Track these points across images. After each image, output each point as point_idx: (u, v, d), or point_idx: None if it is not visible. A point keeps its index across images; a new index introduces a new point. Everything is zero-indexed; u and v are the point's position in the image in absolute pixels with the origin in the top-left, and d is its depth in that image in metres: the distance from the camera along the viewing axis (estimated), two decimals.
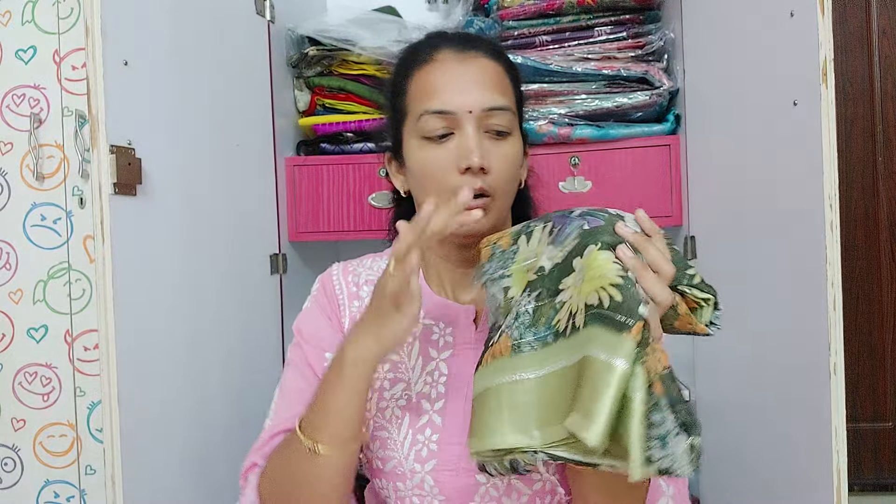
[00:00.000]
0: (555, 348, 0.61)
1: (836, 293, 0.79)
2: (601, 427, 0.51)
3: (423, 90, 0.78)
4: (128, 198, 0.91)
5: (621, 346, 0.53)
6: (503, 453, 0.61)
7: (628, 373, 0.52)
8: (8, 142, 1.35)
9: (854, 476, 1.86)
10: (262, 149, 1.30)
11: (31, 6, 1.34)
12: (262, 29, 1.30)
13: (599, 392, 0.52)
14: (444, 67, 0.78)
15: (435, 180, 0.76)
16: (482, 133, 0.76)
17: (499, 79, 0.79)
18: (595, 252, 0.60)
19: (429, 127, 0.76)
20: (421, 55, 0.80)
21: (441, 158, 0.76)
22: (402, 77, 0.82)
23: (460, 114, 0.75)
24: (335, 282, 0.87)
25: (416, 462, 0.76)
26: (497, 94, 0.77)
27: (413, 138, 0.78)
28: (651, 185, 1.27)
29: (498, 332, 0.67)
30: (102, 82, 0.87)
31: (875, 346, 1.87)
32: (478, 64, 0.78)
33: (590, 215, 0.66)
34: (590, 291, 0.58)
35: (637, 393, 0.52)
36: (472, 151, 0.73)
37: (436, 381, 0.79)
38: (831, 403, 0.80)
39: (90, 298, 1.35)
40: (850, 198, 1.84)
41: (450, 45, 0.79)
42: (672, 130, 1.28)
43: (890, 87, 1.83)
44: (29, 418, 1.36)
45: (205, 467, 1.07)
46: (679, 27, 1.26)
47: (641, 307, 0.55)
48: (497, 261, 0.71)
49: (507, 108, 0.77)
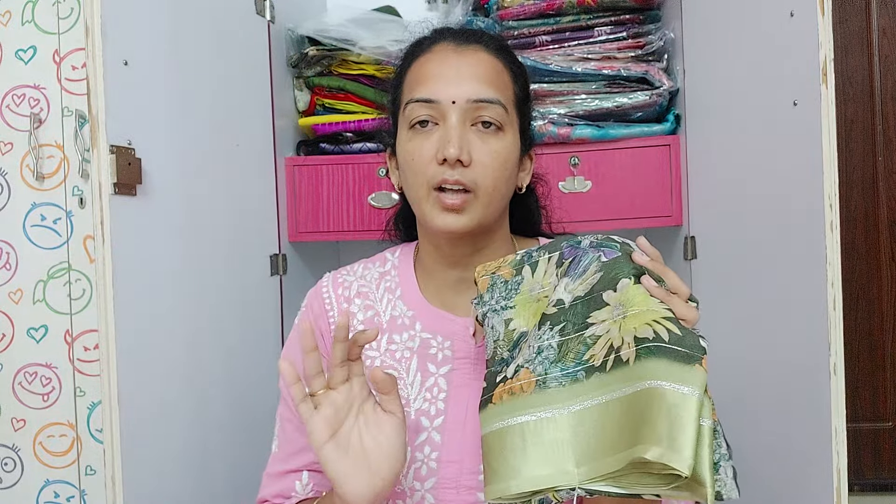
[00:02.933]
0: (587, 385, 0.60)
1: (836, 293, 0.79)
2: (690, 455, 0.52)
3: (415, 79, 0.77)
4: (128, 198, 0.91)
5: (694, 378, 0.54)
6: (530, 494, 0.59)
7: (702, 401, 0.54)
8: (8, 142, 1.35)
9: (854, 476, 1.86)
10: (262, 149, 1.30)
11: (31, 6, 1.34)
12: (262, 29, 1.30)
13: (683, 422, 0.53)
14: (439, 58, 0.77)
15: (416, 171, 0.75)
16: (468, 126, 0.74)
17: (494, 73, 0.76)
18: (632, 286, 0.61)
19: (413, 114, 0.75)
20: (421, 47, 0.79)
21: (424, 148, 0.74)
22: (402, 69, 0.81)
23: (444, 103, 0.73)
24: (325, 297, 0.85)
25: (416, 480, 0.75)
26: (488, 86, 0.74)
27: (403, 129, 0.77)
28: (651, 185, 1.27)
29: (511, 367, 0.65)
30: (102, 82, 0.86)
31: (875, 346, 1.87)
32: (474, 56, 0.76)
33: (603, 246, 0.66)
34: (640, 326, 0.58)
35: (706, 420, 0.54)
36: (449, 142, 0.71)
37: (435, 398, 0.77)
38: (831, 403, 0.80)
39: (90, 298, 1.35)
40: (850, 198, 1.84)
41: (450, 39, 0.78)
42: (672, 130, 1.28)
43: (890, 87, 1.84)
44: (29, 418, 1.36)
45: (205, 467, 1.07)
46: (679, 27, 1.26)
47: (701, 340, 0.57)
48: (498, 291, 0.70)
49: (497, 102, 0.74)
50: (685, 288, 0.63)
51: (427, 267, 0.83)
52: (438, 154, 0.72)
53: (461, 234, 0.75)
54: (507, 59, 0.79)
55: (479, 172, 0.73)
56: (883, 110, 1.84)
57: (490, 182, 0.74)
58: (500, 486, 0.60)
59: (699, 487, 0.53)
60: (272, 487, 0.83)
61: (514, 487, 0.59)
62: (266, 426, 0.90)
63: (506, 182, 0.77)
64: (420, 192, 0.75)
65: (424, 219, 0.76)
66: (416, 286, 0.83)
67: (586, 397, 0.60)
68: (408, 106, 0.75)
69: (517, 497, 0.59)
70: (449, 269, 0.81)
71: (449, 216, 0.73)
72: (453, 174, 0.72)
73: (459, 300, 0.80)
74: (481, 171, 0.73)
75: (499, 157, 0.74)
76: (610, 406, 0.58)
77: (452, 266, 0.80)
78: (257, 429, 1.13)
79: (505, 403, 0.63)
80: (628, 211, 1.27)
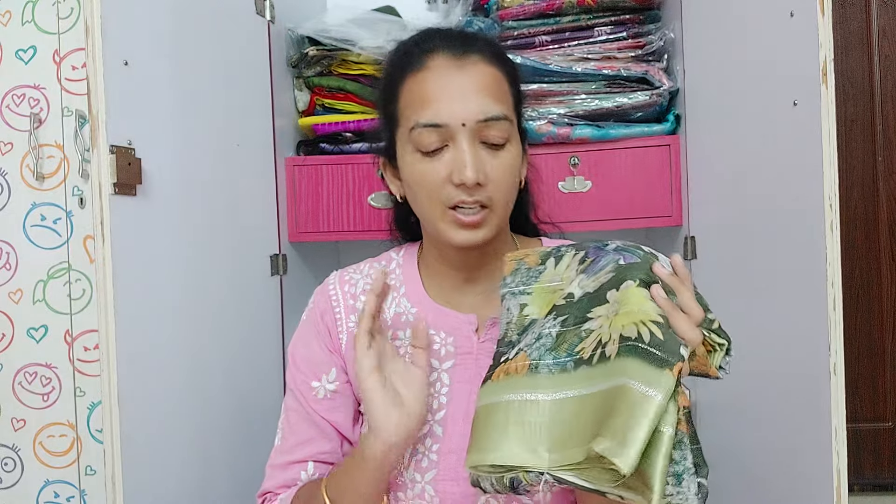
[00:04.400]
0: (574, 376, 0.61)
1: (836, 293, 0.79)
2: (635, 454, 0.52)
3: (415, 99, 0.74)
4: (128, 198, 0.91)
5: (660, 382, 0.54)
6: (504, 470, 0.61)
7: (664, 407, 0.54)
8: (8, 142, 1.35)
9: (854, 476, 1.86)
10: (262, 149, 1.30)
11: (31, 6, 1.34)
12: (262, 29, 1.30)
13: (637, 421, 0.53)
14: (437, 75, 0.74)
15: (429, 193, 0.74)
16: (477, 144, 0.73)
17: (496, 85, 0.75)
18: (634, 288, 0.61)
19: (423, 141, 0.73)
20: (414, 60, 0.76)
21: (436, 171, 0.73)
22: (394, 82, 0.78)
23: (454, 126, 0.72)
24: (332, 295, 0.85)
25: (417, 472, 0.76)
26: (493, 102, 0.73)
27: (407, 149, 0.75)
28: (651, 185, 1.27)
29: (514, 349, 0.67)
30: (102, 82, 0.86)
31: (875, 346, 1.87)
32: (474, 70, 0.74)
33: (626, 251, 0.66)
34: (627, 324, 0.59)
35: (667, 427, 0.54)
36: (465, 166, 0.71)
37: (437, 392, 0.78)
38: (831, 403, 0.80)
39: (90, 298, 1.35)
40: (850, 198, 1.84)
41: (444, 50, 0.75)
42: (672, 130, 1.28)
43: (890, 87, 1.84)
44: (29, 418, 1.36)
45: (205, 467, 1.07)
46: (679, 27, 1.26)
47: (682, 348, 0.57)
48: (520, 276, 0.72)
49: (504, 118, 0.73)
50: (697, 311, 0.62)
51: (431, 266, 0.84)
52: (454, 177, 0.72)
53: (481, 246, 0.76)
54: (503, 65, 0.78)
55: (494, 189, 0.73)
56: (883, 110, 1.84)
57: (504, 196, 0.75)
58: (479, 457, 0.62)
59: (648, 492, 0.53)
60: (276, 479, 0.82)
61: (490, 460, 0.61)
62: (266, 425, 0.90)
63: (515, 188, 0.78)
64: (434, 212, 0.75)
65: (439, 235, 0.76)
66: (421, 284, 0.84)
67: (570, 388, 0.61)
68: (413, 130, 0.73)
69: (492, 470, 0.61)
70: (454, 270, 0.82)
71: (467, 232, 0.74)
72: (471, 193, 0.72)
73: (464, 299, 0.82)
74: (495, 188, 0.73)
75: (509, 170, 0.75)
76: (587, 399, 0.59)
77: (458, 269, 0.82)
78: (257, 428, 1.13)
79: (500, 382, 0.65)
80: (628, 211, 1.27)
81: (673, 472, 0.55)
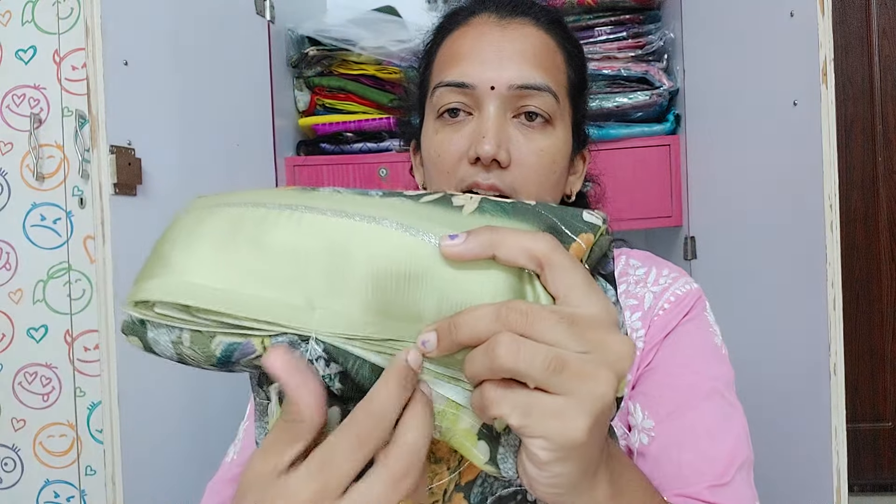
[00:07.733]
0: (380, 201, 0.37)
1: (836, 293, 0.79)
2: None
3: (446, 59, 0.63)
4: (128, 198, 0.91)
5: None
6: (213, 321, 0.35)
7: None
8: (8, 142, 1.35)
9: (854, 476, 1.86)
10: (262, 149, 1.30)
11: (31, 6, 1.34)
12: (262, 29, 1.30)
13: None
14: (476, 33, 0.62)
15: (441, 171, 0.61)
16: (509, 118, 0.60)
17: (545, 52, 0.62)
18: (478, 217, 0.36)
19: (441, 102, 0.61)
20: (456, 19, 0.65)
21: (453, 143, 0.60)
22: (431, 45, 0.67)
23: (481, 89, 0.59)
24: None
25: None
26: (536, 69, 0.60)
27: (430, 119, 0.63)
28: (651, 185, 1.27)
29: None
30: (102, 82, 0.87)
31: (875, 346, 1.87)
32: (520, 31, 0.61)
33: (541, 207, 0.40)
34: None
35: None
36: (484, 136, 0.57)
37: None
38: (831, 403, 0.80)
39: (90, 298, 1.35)
40: (850, 198, 1.84)
41: (492, 8, 0.63)
42: (672, 130, 1.28)
43: (890, 87, 1.83)
44: (29, 418, 1.36)
45: (205, 468, 1.07)
46: (679, 27, 1.26)
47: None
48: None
49: (546, 89, 0.59)
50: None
51: None
52: (470, 151, 0.58)
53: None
54: (561, 35, 0.65)
55: (520, 175, 0.59)
56: (883, 110, 1.84)
57: (533, 187, 0.59)
58: (157, 284, 0.36)
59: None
60: (214, 497, 0.71)
61: (188, 292, 0.35)
62: None
63: (552, 188, 0.62)
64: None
65: None
66: None
67: (372, 212, 0.36)
68: (436, 90, 0.61)
69: (189, 317, 0.36)
70: None
71: None
72: (487, 177, 0.58)
73: None
74: (522, 174, 0.59)
75: (545, 157, 0.60)
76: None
77: None
78: None
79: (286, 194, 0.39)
80: (628, 211, 1.27)
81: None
